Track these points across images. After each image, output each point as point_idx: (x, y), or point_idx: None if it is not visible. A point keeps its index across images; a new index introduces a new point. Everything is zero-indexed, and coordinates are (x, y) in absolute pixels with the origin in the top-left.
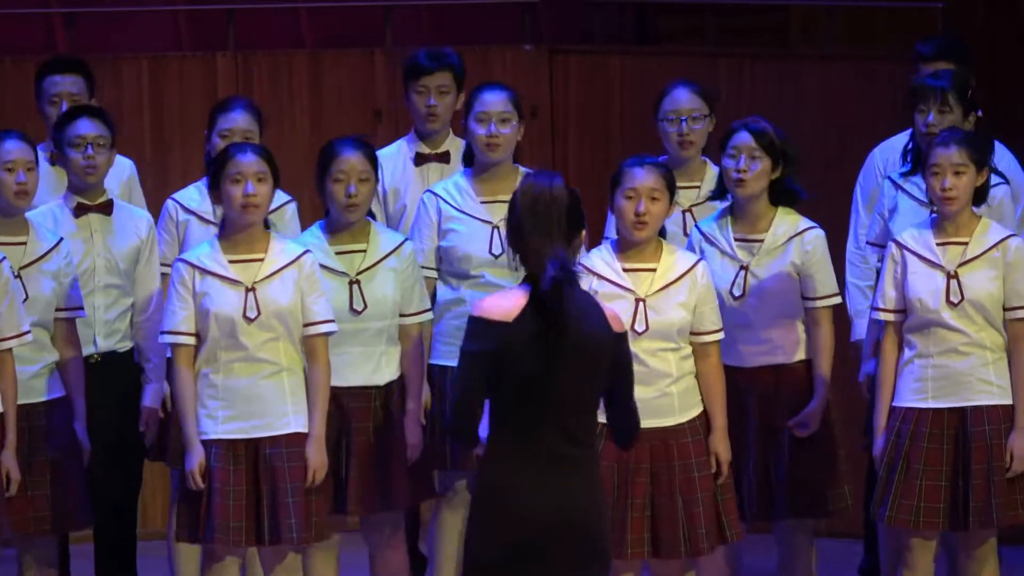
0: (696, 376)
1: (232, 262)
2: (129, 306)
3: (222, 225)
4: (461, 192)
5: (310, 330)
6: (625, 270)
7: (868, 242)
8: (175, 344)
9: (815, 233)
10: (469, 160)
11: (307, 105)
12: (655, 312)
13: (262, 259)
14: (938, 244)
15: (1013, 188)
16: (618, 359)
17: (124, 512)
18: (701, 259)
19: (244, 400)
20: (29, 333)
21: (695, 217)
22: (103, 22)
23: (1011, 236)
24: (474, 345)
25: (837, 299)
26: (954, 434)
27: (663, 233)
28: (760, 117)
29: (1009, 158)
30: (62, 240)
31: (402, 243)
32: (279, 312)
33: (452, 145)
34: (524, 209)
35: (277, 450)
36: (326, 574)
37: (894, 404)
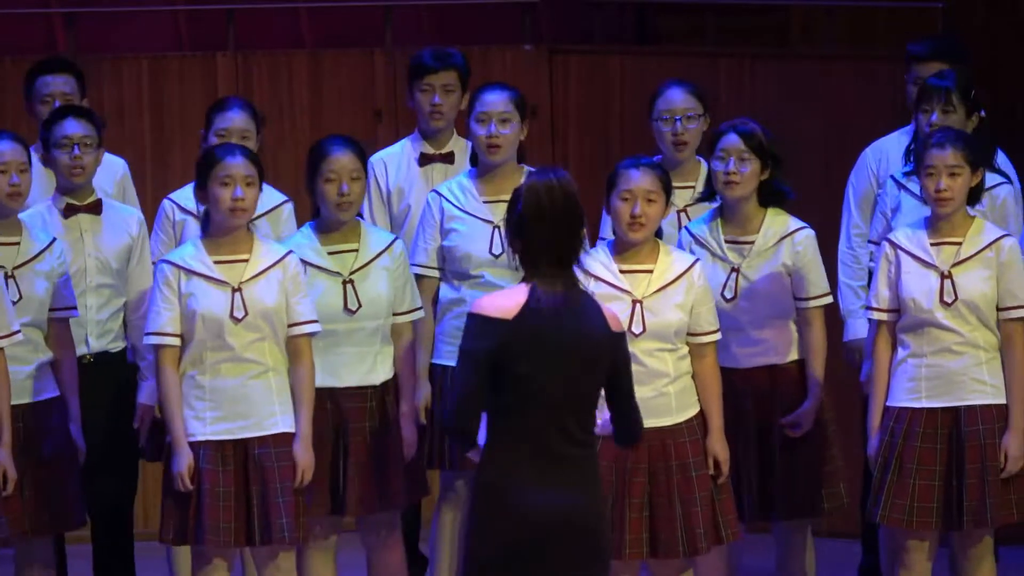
0: (693, 376)
1: (217, 263)
2: (122, 306)
3: (205, 225)
4: (464, 192)
5: (294, 330)
6: (622, 271)
7: (870, 240)
8: (160, 345)
9: (805, 233)
10: (476, 160)
11: (307, 105)
12: (652, 313)
13: (247, 259)
14: (932, 244)
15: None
16: (617, 358)
17: (120, 512)
18: (698, 260)
19: (231, 401)
20: (19, 333)
21: (690, 217)
22: (103, 22)
23: (1005, 236)
24: (473, 343)
25: (829, 299)
26: (948, 434)
27: (659, 234)
28: (748, 119)
29: (1003, 160)
30: (55, 240)
31: (393, 241)
32: (265, 312)
33: (456, 145)
34: (528, 206)
35: (266, 450)
36: (324, 575)
37: (888, 404)
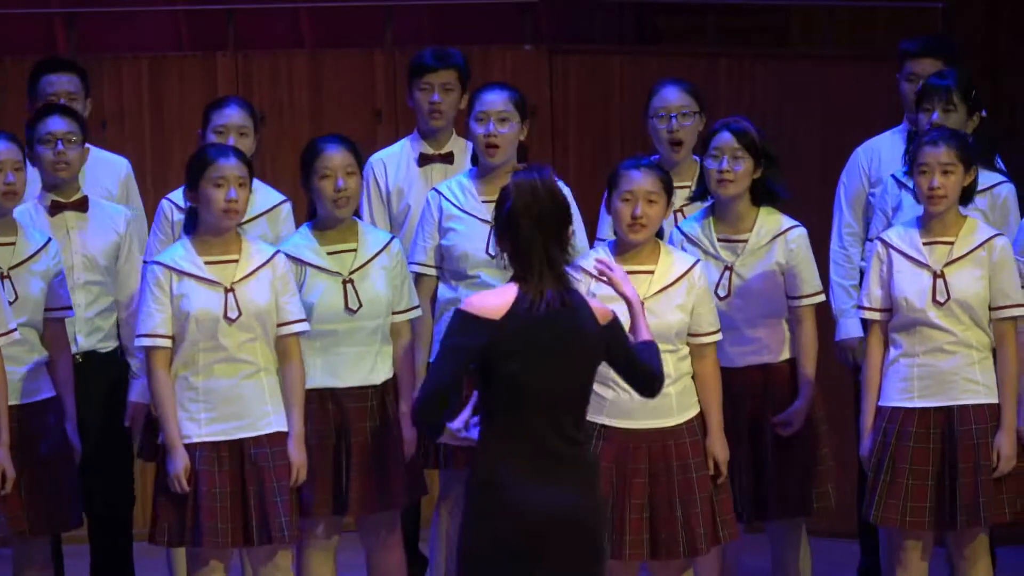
0: (693, 377)
1: (208, 263)
2: (111, 304)
3: (193, 226)
4: (464, 191)
5: (284, 330)
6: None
7: (869, 238)
8: (153, 347)
9: (799, 232)
10: (477, 160)
11: (307, 105)
12: (653, 314)
13: (237, 259)
14: (924, 243)
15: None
16: (611, 347)
17: (117, 513)
18: (698, 260)
19: (225, 401)
20: (16, 331)
21: (685, 216)
22: (103, 22)
23: (997, 235)
24: (458, 339)
25: (821, 297)
26: (941, 433)
27: (660, 234)
28: (742, 117)
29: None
30: (50, 240)
31: (390, 240)
32: (258, 312)
33: (456, 146)
34: (516, 205)
35: (261, 450)
36: (324, 575)
37: (880, 404)
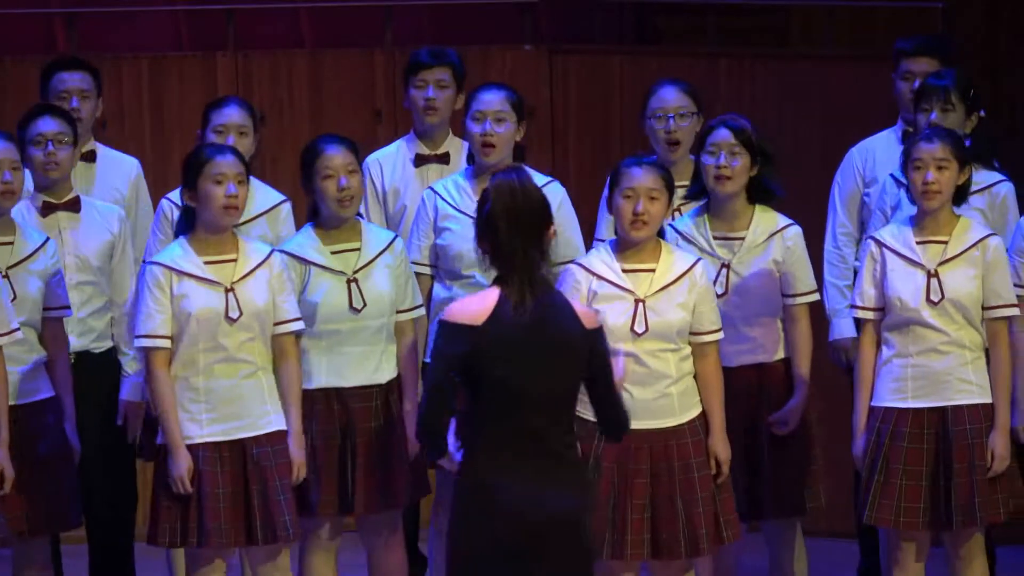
0: (694, 376)
1: (206, 263)
2: (104, 304)
3: (189, 226)
4: (460, 190)
5: (281, 328)
6: (624, 271)
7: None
8: (153, 348)
9: (795, 230)
10: (473, 159)
11: (307, 105)
12: (655, 313)
13: (235, 259)
14: (918, 242)
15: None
16: (593, 354)
17: (118, 513)
18: (699, 259)
19: (226, 402)
20: (19, 331)
21: (682, 214)
22: (103, 22)
23: (991, 235)
24: (443, 349)
25: (816, 296)
26: (935, 434)
27: (661, 233)
28: (737, 114)
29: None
30: (48, 240)
31: (393, 239)
32: (257, 312)
33: (452, 146)
34: (495, 207)
35: (263, 449)
36: (325, 575)
37: (873, 404)
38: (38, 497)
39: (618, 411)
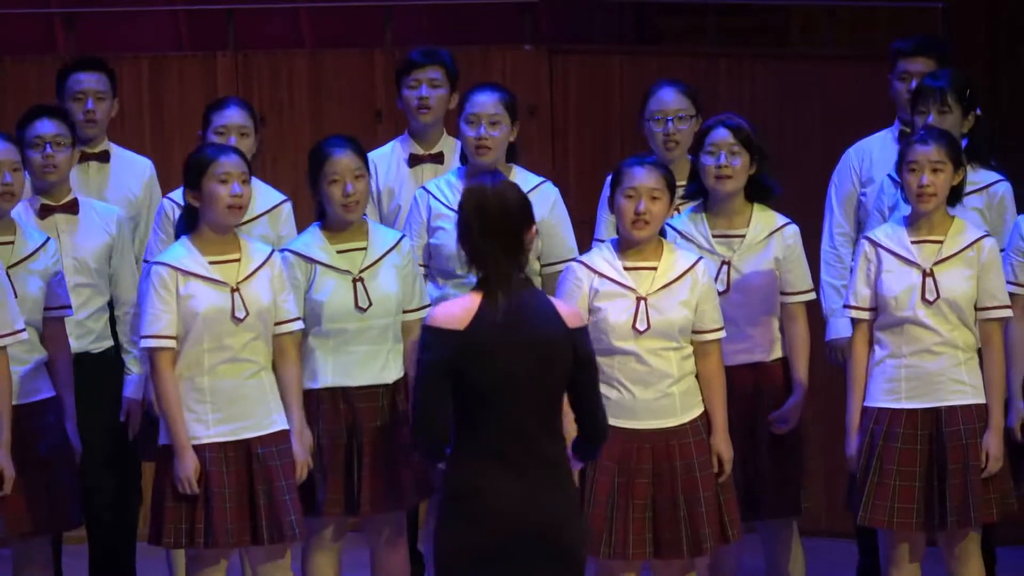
0: (696, 375)
1: (211, 263)
2: (103, 305)
3: (190, 226)
4: (452, 190)
5: (282, 328)
6: (626, 269)
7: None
8: (160, 348)
9: (794, 228)
10: (466, 159)
11: (307, 105)
12: (657, 311)
13: (238, 259)
14: (913, 242)
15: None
16: (577, 354)
17: (122, 514)
18: (701, 258)
19: (230, 402)
20: (24, 332)
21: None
22: (103, 22)
23: (985, 236)
24: (429, 355)
25: (812, 295)
26: (928, 434)
27: (662, 232)
28: (733, 113)
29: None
30: (49, 240)
31: (401, 239)
32: (262, 312)
33: (446, 146)
34: (470, 213)
35: (268, 449)
36: (328, 574)
37: (866, 404)
38: (38, 497)
39: (597, 416)
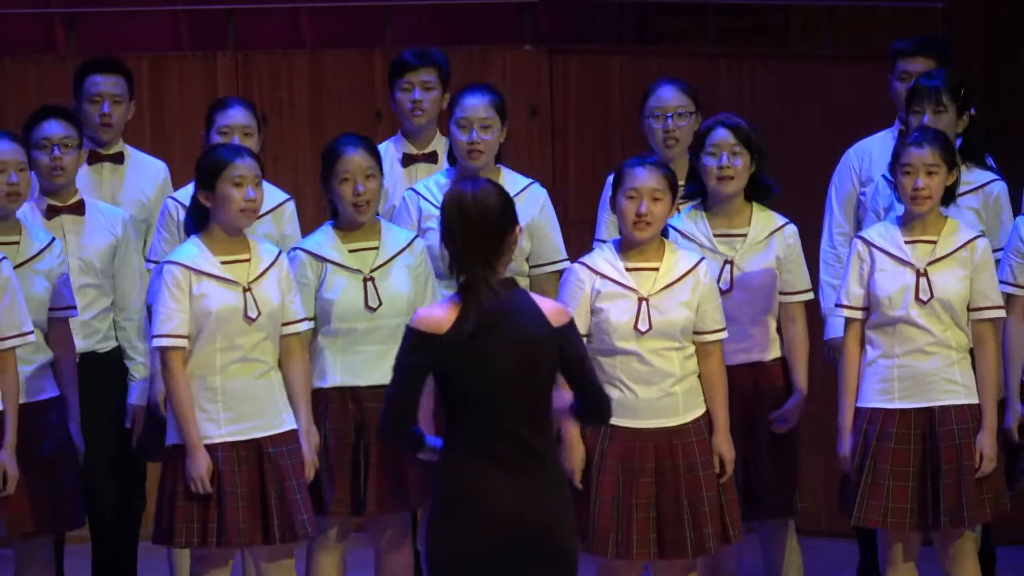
0: (698, 376)
1: (223, 263)
2: (108, 306)
3: (200, 225)
4: (442, 190)
5: (289, 328)
6: (628, 269)
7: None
8: (172, 347)
9: (793, 228)
10: (454, 159)
11: (307, 105)
12: (658, 311)
13: (248, 259)
14: (906, 242)
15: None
16: (565, 350)
17: (126, 514)
18: (703, 258)
19: (242, 401)
20: (31, 334)
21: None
22: (103, 22)
23: (979, 237)
24: (409, 356)
25: (811, 294)
26: (921, 434)
27: (663, 232)
28: (732, 113)
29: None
30: (55, 240)
31: (413, 239)
32: (272, 312)
33: (439, 145)
34: (451, 216)
35: (279, 448)
36: (332, 574)
37: (860, 405)
38: (41, 497)
39: (599, 394)
